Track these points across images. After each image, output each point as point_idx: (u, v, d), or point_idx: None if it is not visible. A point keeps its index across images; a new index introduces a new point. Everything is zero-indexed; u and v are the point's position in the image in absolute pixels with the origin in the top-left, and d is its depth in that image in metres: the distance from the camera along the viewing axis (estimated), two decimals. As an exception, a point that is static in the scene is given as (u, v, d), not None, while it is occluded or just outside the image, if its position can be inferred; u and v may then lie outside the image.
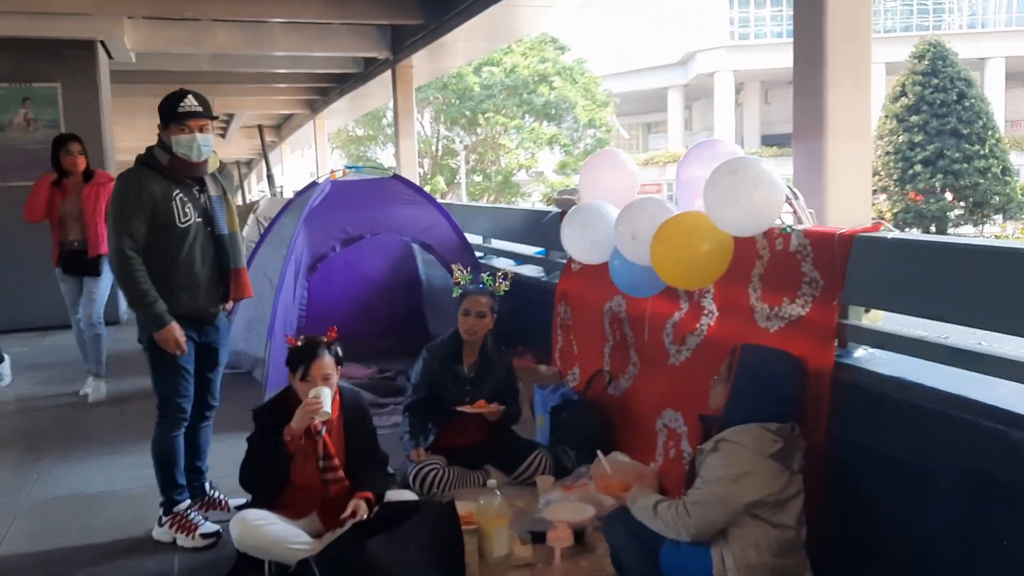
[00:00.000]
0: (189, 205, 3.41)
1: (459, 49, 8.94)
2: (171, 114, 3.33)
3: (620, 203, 3.53)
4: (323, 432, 3.22)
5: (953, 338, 2.57)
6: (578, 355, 4.62)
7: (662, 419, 3.69)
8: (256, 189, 30.02)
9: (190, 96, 3.37)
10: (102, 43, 8.25)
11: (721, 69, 37.66)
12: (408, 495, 3.40)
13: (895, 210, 23.88)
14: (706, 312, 3.46)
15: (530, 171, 34.37)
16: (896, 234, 2.78)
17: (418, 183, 7.12)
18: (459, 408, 3.84)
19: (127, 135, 17.14)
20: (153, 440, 3.48)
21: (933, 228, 23.78)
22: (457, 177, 33.86)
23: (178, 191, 3.38)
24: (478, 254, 6.40)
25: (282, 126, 20.47)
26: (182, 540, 3.41)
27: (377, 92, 11.87)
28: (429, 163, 34.06)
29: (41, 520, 3.76)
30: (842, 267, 2.79)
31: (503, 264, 6.03)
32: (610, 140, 34.23)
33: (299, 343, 3.20)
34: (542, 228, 5.12)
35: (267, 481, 3.19)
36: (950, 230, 24.14)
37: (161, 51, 9.44)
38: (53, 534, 3.58)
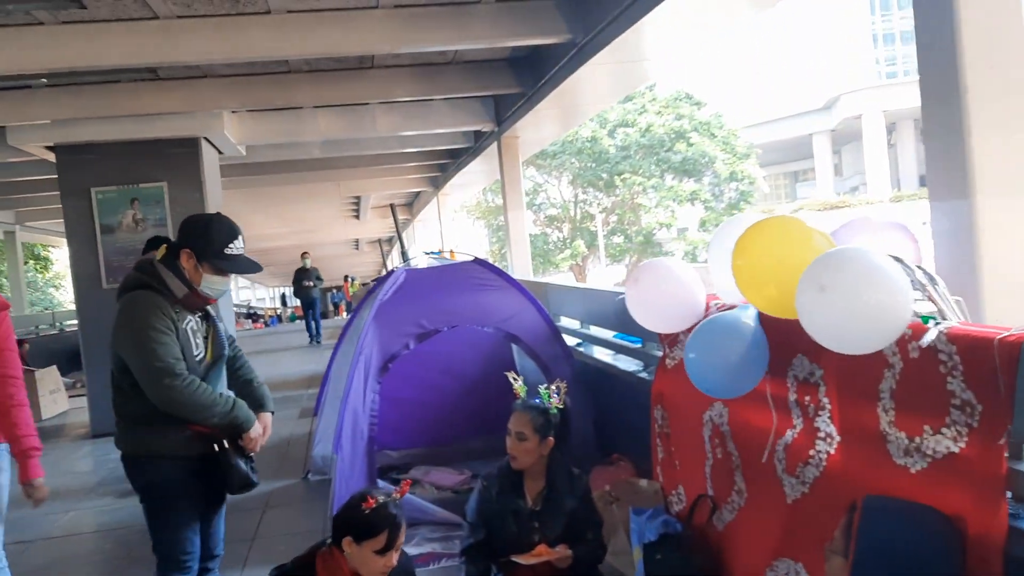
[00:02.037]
0: (199, 335, 2.98)
1: (555, 114, 8.40)
2: (215, 252, 2.91)
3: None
4: None
5: None
6: (680, 472, 3.81)
7: (774, 570, 2.83)
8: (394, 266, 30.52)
9: (241, 237, 2.97)
10: (207, 139, 8.28)
11: (869, 110, 35.58)
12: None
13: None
14: (822, 435, 2.61)
15: (671, 228, 33.43)
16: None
17: (549, 250, 6.51)
18: (514, 559, 3.12)
19: (246, 228, 17.74)
20: None
21: None
22: (596, 240, 33.33)
23: (189, 319, 2.95)
24: (575, 342, 5.69)
25: (413, 204, 20.61)
26: None
27: (490, 165, 11.52)
28: (568, 227, 33.79)
29: None
30: (1009, 387, 1.92)
31: (601, 355, 5.29)
32: (754, 192, 32.82)
33: (377, 503, 2.57)
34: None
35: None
36: None
37: (267, 142, 9.44)
38: None
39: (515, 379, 3.48)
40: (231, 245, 2.94)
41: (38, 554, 4.92)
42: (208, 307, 3.05)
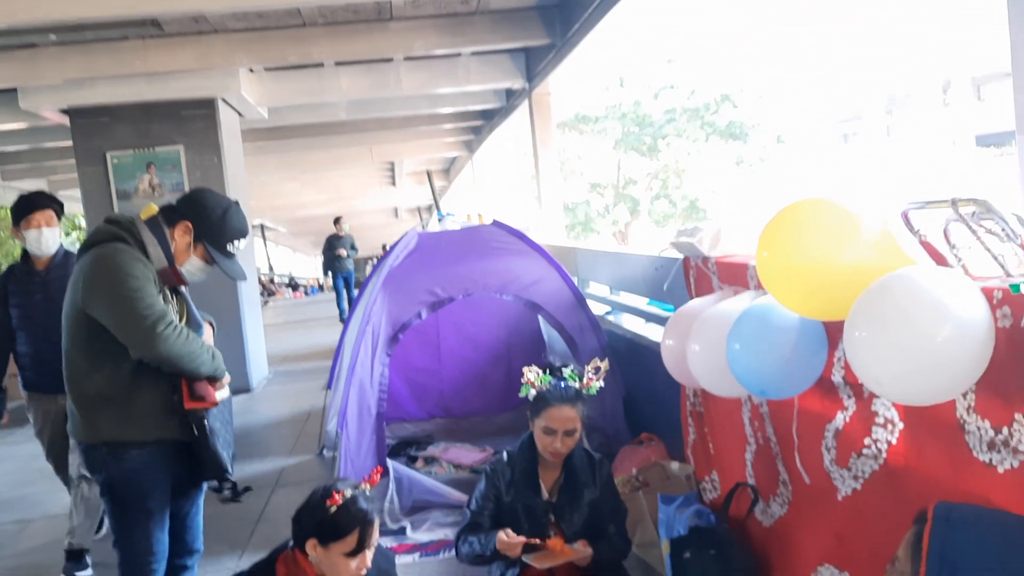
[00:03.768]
0: (172, 310, 2.61)
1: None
2: (220, 242, 2.65)
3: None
4: None
5: None
6: (715, 457, 3.38)
7: (821, 578, 2.41)
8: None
9: (248, 235, 2.72)
10: (224, 100, 7.94)
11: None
12: None
13: None
14: (880, 421, 2.16)
15: (717, 193, 32.56)
16: None
17: (591, 216, 6.05)
18: (525, 558, 2.72)
19: (267, 193, 17.48)
20: None
21: None
22: (639, 206, 32.61)
23: (163, 290, 2.60)
24: (605, 310, 5.25)
25: (450, 170, 20.20)
26: None
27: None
28: (611, 193, 33.13)
29: None
30: None
31: (631, 324, 4.84)
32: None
33: (344, 499, 2.22)
34: (665, 279, 3.92)
35: None
36: None
37: (289, 104, 9.08)
38: None
39: (536, 373, 2.98)
40: (237, 242, 2.69)
41: (38, 533, 4.69)
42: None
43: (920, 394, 1.63)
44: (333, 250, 13.71)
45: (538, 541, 2.75)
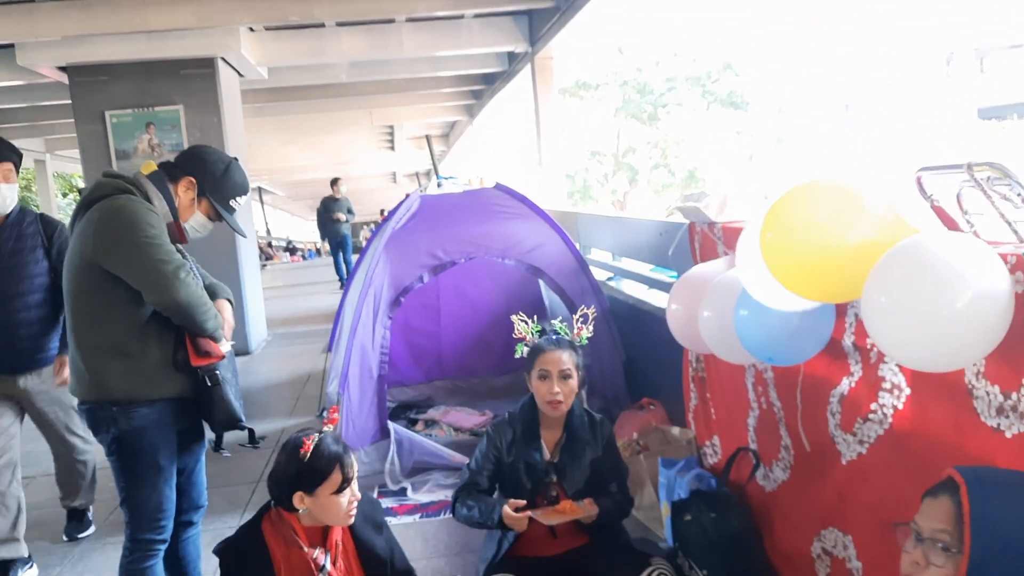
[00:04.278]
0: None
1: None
2: (223, 196, 2.67)
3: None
4: (327, 567, 2.27)
5: None
6: (716, 422, 3.39)
7: (821, 540, 2.43)
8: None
9: (249, 192, 2.76)
10: (224, 60, 7.86)
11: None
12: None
13: None
14: (887, 386, 2.16)
15: (716, 163, 32.43)
16: None
17: (589, 184, 6.01)
18: (534, 516, 2.74)
19: (265, 156, 17.32)
20: (120, 570, 2.60)
21: None
22: (638, 175, 32.48)
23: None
24: (607, 276, 5.25)
25: (449, 134, 20.07)
26: None
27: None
28: (611, 162, 32.98)
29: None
30: None
31: (633, 290, 4.84)
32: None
33: (314, 444, 2.26)
34: (670, 245, 3.91)
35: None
36: None
37: (290, 64, 8.98)
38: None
39: (525, 321, 3.03)
40: (239, 198, 2.70)
41: (40, 489, 4.72)
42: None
43: (940, 360, 1.62)
44: (329, 213, 13.12)
45: (539, 513, 2.77)
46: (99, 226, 2.44)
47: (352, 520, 2.29)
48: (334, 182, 13.48)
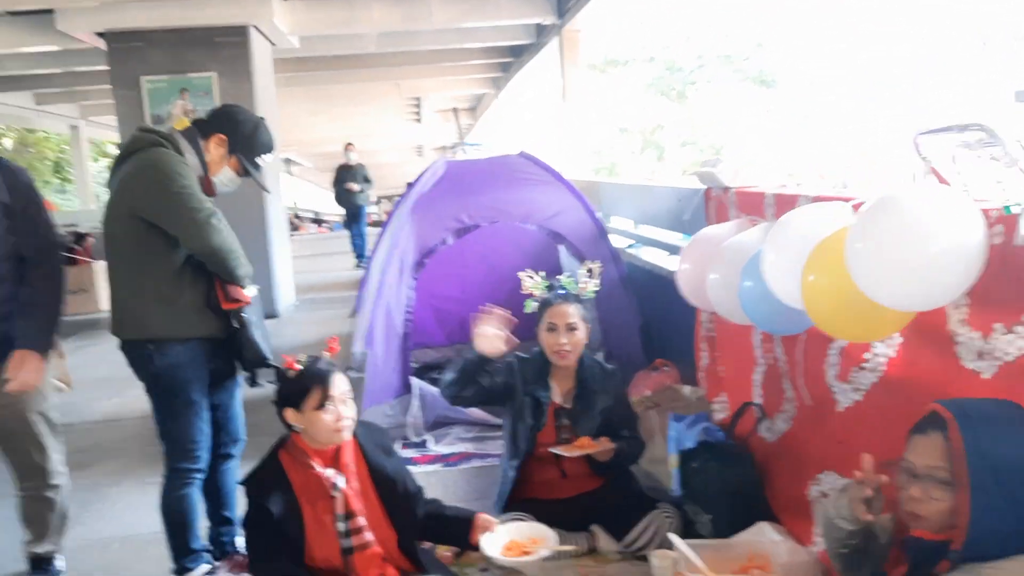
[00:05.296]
0: None
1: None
2: (252, 153, 2.87)
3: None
4: (339, 487, 2.45)
5: None
6: (724, 379, 3.53)
7: (818, 484, 2.58)
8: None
9: (275, 151, 2.98)
10: (256, 28, 8.02)
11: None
12: None
13: None
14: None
15: (744, 141, 32.25)
16: None
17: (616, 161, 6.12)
18: (554, 450, 2.94)
19: (294, 127, 17.47)
20: (161, 498, 2.85)
21: None
22: (665, 152, 32.38)
23: None
24: (628, 243, 5.37)
25: (476, 107, 20.15)
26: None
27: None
28: (639, 139, 32.90)
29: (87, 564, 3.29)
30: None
31: (652, 256, 4.97)
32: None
33: (302, 364, 2.49)
34: (687, 210, 4.04)
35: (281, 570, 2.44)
36: None
37: (321, 34, 9.12)
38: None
39: (531, 276, 3.23)
40: (266, 156, 2.91)
41: (78, 437, 4.94)
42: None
43: (914, 300, 1.75)
44: (342, 183, 11.84)
45: (561, 448, 2.96)
46: (136, 177, 2.67)
47: (342, 436, 2.45)
48: (347, 147, 12.07)
